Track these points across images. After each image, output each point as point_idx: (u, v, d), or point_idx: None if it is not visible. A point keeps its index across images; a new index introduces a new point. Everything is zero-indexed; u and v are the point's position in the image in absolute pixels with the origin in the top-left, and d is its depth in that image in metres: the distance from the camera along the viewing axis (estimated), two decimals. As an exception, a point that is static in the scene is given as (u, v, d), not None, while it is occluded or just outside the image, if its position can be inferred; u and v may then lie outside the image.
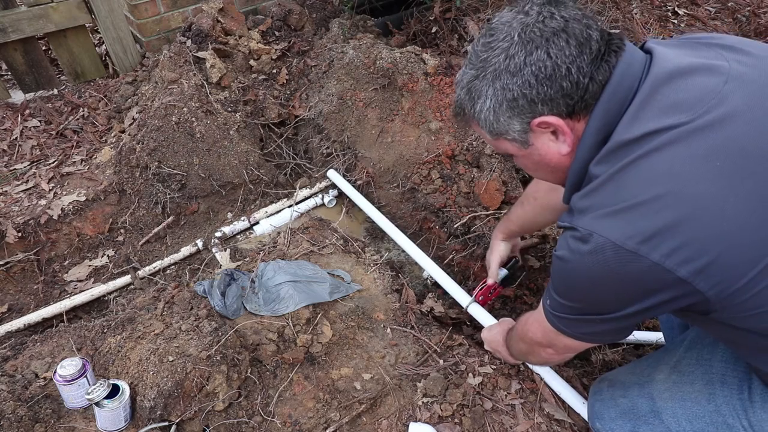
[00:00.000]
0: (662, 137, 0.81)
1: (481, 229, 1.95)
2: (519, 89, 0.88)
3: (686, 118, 0.81)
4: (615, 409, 1.18)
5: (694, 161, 0.79)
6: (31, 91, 2.67)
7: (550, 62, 0.85)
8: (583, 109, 0.88)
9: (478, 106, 0.94)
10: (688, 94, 0.83)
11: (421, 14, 2.76)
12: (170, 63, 2.37)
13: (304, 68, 2.60)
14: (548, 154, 0.96)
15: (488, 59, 0.91)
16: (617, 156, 0.85)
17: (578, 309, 0.96)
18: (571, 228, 0.89)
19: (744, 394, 1.02)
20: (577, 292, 0.94)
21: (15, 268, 2.00)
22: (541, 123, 0.90)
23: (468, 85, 0.95)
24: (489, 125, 0.95)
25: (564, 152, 0.94)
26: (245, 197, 2.32)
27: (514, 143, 0.97)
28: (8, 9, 2.43)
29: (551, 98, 0.87)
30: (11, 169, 2.28)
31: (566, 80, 0.85)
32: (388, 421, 1.41)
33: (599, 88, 0.87)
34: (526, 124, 0.91)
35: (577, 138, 0.91)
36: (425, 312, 1.78)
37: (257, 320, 1.58)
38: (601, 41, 0.87)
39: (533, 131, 0.93)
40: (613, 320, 0.93)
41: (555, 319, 1.03)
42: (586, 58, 0.85)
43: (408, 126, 2.27)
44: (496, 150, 1.06)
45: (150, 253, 2.16)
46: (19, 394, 1.39)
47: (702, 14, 3.16)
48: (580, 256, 0.86)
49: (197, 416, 1.38)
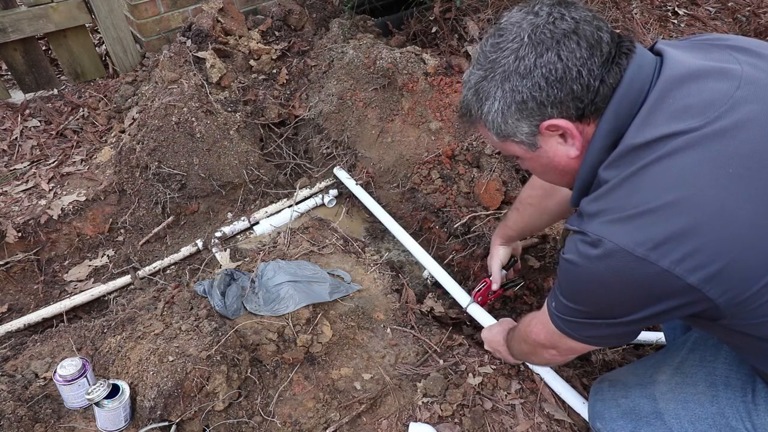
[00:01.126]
0: (674, 142, 0.80)
1: (481, 229, 1.95)
2: (528, 91, 0.87)
3: (697, 123, 0.80)
4: (616, 409, 1.17)
5: (706, 167, 0.78)
6: (31, 91, 2.67)
7: (560, 64, 0.84)
8: (593, 113, 0.87)
9: (485, 108, 0.93)
10: (700, 99, 0.82)
11: (421, 14, 2.76)
12: (170, 63, 2.37)
13: (304, 68, 2.60)
14: (556, 157, 0.95)
15: (497, 60, 0.89)
16: (627, 160, 0.84)
17: (585, 313, 0.95)
18: (580, 232, 0.88)
19: (748, 396, 1.01)
20: (584, 296, 0.93)
21: (15, 268, 2.00)
22: (550, 126, 0.89)
23: (476, 86, 0.94)
24: (497, 127, 0.94)
25: (573, 155, 0.93)
26: (245, 197, 2.32)
27: (521, 146, 0.96)
28: (8, 9, 2.43)
29: (561, 101, 0.86)
30: (11, 169, 2.28)
31: (577, 83, 0.84)
32: (388, 421, 1.41)
33: (610, 91, 0.86)
34: (534, 126, 0.90)
35: (586, 141, 0.91)
36: (425, 312, 1.78)
37: (257, 320, 1.58)
38: (612, 43, 0.86)
39: (542, 134, 0.92)
40: (619, 325, 0.92)
41: (560, 322, 1.02)
42: (597, 60, 0.84)
43: (408, 126, 2.27)
44: (502, 152, 1.06)
45: (150, 253, 2.16)
46: (19, 394, 1.39)
47: (702, 14, 3.16)
48: (588, 261, 0.85)
49: (197, 416, 1.37)
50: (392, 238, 2.24)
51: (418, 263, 2.11)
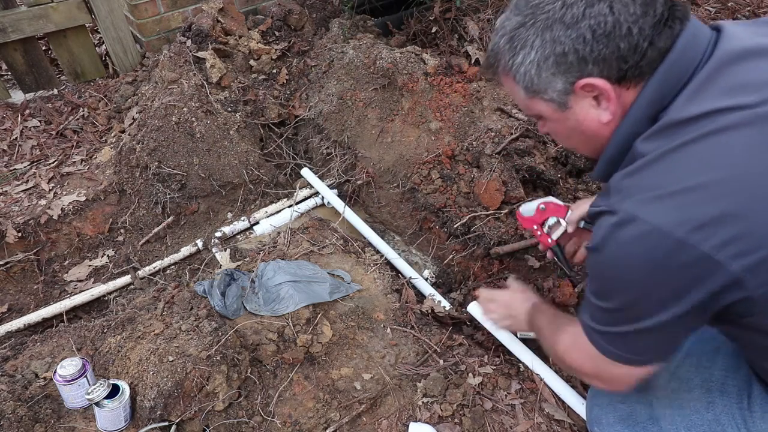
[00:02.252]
0: (724, 118, 0.73)
1: (481, 229, 1.95)
2: (572, 43, 0.79)
3: (752, 100, 0.73)
4: (613, 414, 1.16)
5: (757, 148, 0.72)
6: (31, 91, 2.67)
7: (611, 18, 0.76)
8: (636, 77, 0.80)
9: (519, 58, 0.85)
10: (757, 76, 0.76)
11: (421, 14, 2.76)
12: (170, 63, 2.37)
13: (304, 68, 2.60)
14: (586, 121, 0.87)
15: (540, 5, 0.81)
16: (672, 134, 0.77)
17: (618, 313, 0.86)
18: (609, 212, 0.79)
19: (743, 403, 1.00)
20: (613, 285, 0.83)
21: (15, 268, 2.00)
22: (586, 85, 0.82)
23: (511, 33, 0.85)
24: (527, 81, 0.86)
25: (604, 120, 0.85)
26: (245, 197, 2.32)
27: (550, 104, 0.88)
28: (8, 9, 2.43)
29: (605, 58, 0.79)
30: (11, 169, 2.28)
31: (625, 41, 0.77)
32: (388, 421, 1.41)
33: (658, 56, 0.79)
34: (569, 84, 0.83)
35: (621, 108, 0.83)
36: (425, 312, 1.78)
37: (257, 320, 1.58)
38: (665, 5, 0.79)
39: (575, 93, 0.84)
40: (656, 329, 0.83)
41: (597, 336, 0.92)
42: (649, 20, 0.77)
43: (408, 126, 2.27)
44: (524, 110, 0.97)
45: (150, 253, 2.16)
46: (19, 394, 1.39)
47: (702, 14, 3.16)
48: (617, 245, 0.77)
49: (197, 416, 1.37)
50: (392, 238, 2.24)
51: (418, 263, 2.11)
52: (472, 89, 2.25)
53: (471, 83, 2.28)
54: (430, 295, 1.85)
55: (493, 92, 2.26)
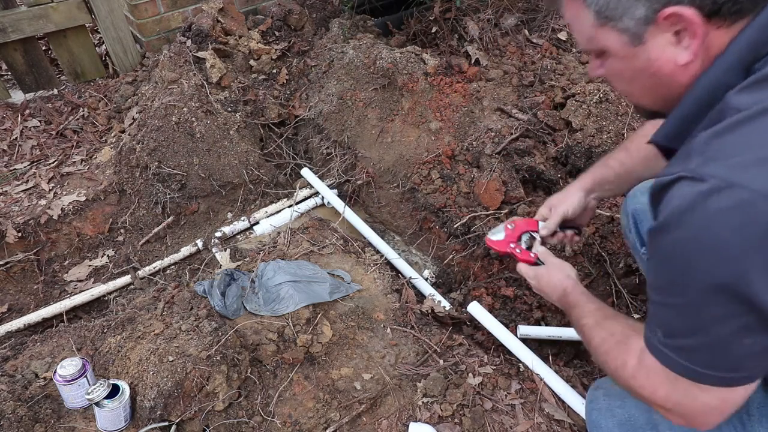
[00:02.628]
0: None
1: (481, 229, 1.95)
2: None
3: None
4: (612, 419, 1.14)
5: None
6: (31, 91, 2.67)
7: None
8: (733, 14, 0.67)
9: None
10: None
11: (421, 14, 2.76)
12: (170, 63, 2.37)
13: (304, 68, 2.60)
14: (659, 61, 0.74)
15: None
16: None
17: (701, 306, 0.69)
18: (690, 178, 0.64)
19: (741, 407, 1.00)
20: (700, 268, 0.66)
21: (15, 268, 2.00)
22: (672, 15, 0.68)
23: None
24: (603, 3, 0.73)
25: (681, 62, 0.72)
26: (245, 197, 2.32)
27: (623, 36, 0.74)
28: (8, 9, 2.43)
29: None
30: (11, 169, 2.28)
31: None
32: (388, 421, 1.41)
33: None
34: (653, 11, 0.69)
35: (707, 51, 0.71)
36: (425, 312, 1.78)
37: (257, 320, 1.58)
38: None
39: (656, 24, 0.70)
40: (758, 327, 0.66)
41: (671, 353, 0.75)
42: None
43: (408, 126, 2.27)
44: (587, 44, 0.81)
45: (150, 253, 2.16)
46: (19, 394, 1.39)
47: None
48: (708, 217, 0.62)
49: (197, 416, 1.38)
50: (392, 238, 2.24)
51: (418, 263, 2.11)
52: (472, 89, 2.25)
53: (471, 83, 2.28)
54: (430, 295, 1.85)
55: (493, 92, 2.26)
